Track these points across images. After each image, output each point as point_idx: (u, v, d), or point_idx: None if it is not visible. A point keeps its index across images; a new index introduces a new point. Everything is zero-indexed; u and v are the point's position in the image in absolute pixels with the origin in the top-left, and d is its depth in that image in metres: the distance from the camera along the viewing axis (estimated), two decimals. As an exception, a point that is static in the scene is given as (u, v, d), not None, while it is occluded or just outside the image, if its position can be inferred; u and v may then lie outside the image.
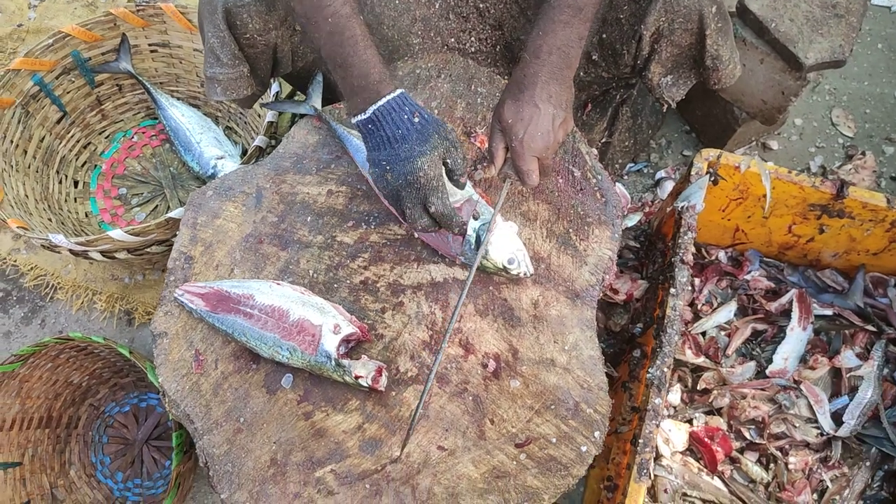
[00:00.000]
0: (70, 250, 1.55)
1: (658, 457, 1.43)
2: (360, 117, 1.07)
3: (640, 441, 1.21)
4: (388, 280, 1.23)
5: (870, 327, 1.56)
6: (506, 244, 1.15)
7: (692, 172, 1.40)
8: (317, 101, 1.42)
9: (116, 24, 1.87)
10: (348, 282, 1.23)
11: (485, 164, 1.33)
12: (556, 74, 1.09)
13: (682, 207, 1.38)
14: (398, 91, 1.07)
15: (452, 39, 1.53)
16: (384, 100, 1.05)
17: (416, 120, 1.06)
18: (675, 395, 1.54)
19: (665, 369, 1.25)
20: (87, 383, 1.80)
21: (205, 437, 1.15)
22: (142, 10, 1.87)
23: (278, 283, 1.20)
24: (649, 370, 1.26)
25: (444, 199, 1.07)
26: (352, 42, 1.04)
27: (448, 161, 1.08)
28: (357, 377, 1.09)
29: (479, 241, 1.16)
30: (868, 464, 1.45)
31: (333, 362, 1.10)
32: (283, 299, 1.16)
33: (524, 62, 1.10)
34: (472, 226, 1.15)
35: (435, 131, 1.06)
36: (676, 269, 1.32)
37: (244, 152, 1.99)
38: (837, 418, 1.48)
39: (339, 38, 1.03)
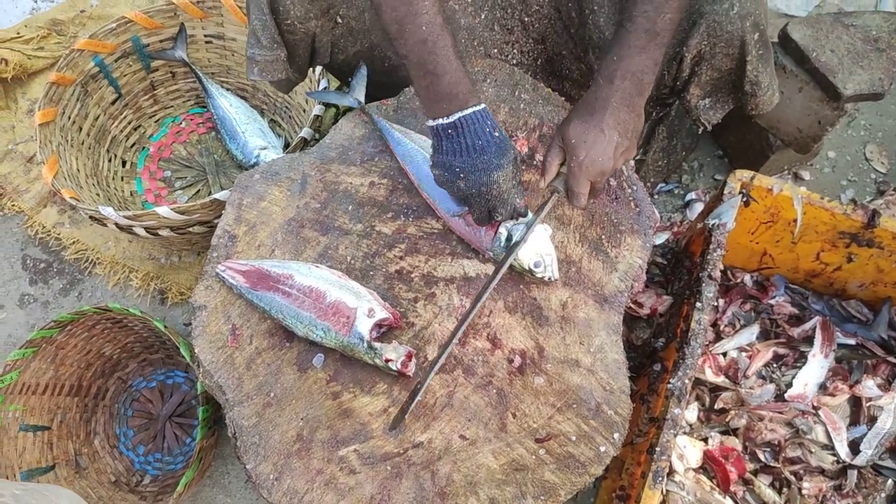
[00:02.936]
0: (116, 224, 1.61)
1: (671, 472, 1.44)
2: (441, 121, 1.08)
3: (658, 449, 1.22)
4: (422, 271, 1.27)
5: (892, 359, 1.56)
6: (536, 247, 1.19)
7: (725, 192, 1.43)
8: (360, 93, 1.45)
9: (176, 13, 1.95)
10: (384, 270, 1.28)
11: (523, 167, 1.36)
12: (627, 101, 1.09)
13: (713, 225, 1.40)
14: (482, 105, 1.10)
15: (495, 50, 1.57)
16: (470, 110, 1.07)
17: (497, 135, 1.10)
18: (692, 413, 1.55)
19: (686, 381, 1.27)
20: (117, 356, 1.85)
21: (235, 409, 1.20)
22: (202, 1, 1.95)
23: (317, 266, 1.24)
24: (671, 380, 1.27)
25: (510, 211, 1.15)
26: (445, 51, 1.06)
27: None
28: (387, 360, 1.13)
29: (509, 240, 1.19)
30: (883, 495, 1.44)
31: (366, 344, 1.14)
32: (321, 281, 1.21)
33: (597, 86, 1.11)
34: (506, 224, 1.19)
35: (511, 148, 1.11)
36: (704, 285, 1.34)
37: (286, 145, 2.05)
38: (854, 447, 1.48)
39: (433, 46, 1.05)
